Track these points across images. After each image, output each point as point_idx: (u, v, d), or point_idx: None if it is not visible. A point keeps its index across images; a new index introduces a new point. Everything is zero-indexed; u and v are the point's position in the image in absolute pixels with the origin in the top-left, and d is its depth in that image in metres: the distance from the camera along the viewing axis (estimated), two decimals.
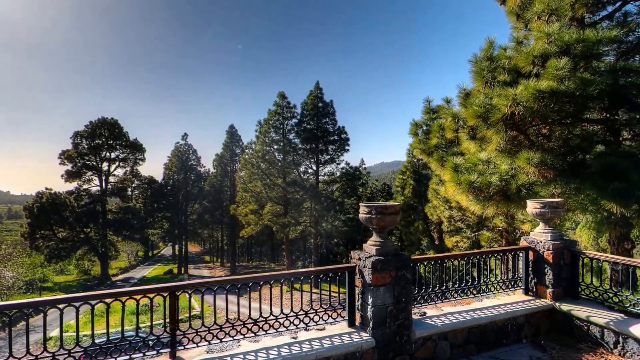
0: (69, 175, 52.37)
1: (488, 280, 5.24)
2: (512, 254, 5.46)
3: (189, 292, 3.81)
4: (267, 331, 3.98)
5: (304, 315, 4.16)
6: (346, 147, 41.84)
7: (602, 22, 8.14)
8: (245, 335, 3.90)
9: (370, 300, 4.04)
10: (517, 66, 7.68)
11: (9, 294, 36.47)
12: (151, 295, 3.55)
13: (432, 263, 4.76)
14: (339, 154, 41.95)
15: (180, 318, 3.70)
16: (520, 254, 5.47)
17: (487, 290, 5.24)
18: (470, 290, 5.07)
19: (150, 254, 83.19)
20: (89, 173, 53.78)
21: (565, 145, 7.75)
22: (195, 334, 3.74)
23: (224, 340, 3.81)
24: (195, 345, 3.72)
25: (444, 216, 23.50)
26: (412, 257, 4.42)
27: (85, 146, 52.59)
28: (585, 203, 7.45)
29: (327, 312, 4.28)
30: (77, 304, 3.33)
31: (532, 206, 5.40)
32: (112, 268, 59.11)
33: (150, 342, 3.60)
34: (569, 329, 4.98)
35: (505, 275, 5.43)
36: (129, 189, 60.63)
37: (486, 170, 7.89)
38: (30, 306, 3.23)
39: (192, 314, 29.13)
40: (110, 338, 3.52)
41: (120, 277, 55.31)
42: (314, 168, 42.05)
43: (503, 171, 7.62)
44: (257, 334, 3.94)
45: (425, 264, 4.75)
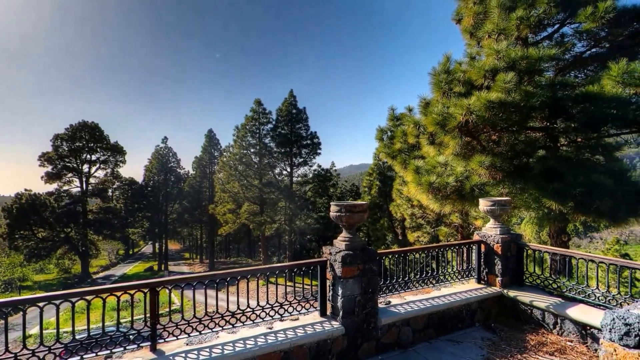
0: (49, 177, 49.61)
1: (446, 271, 5.41)
2: (467, 247, 5.63)
3: (169, 288, 3.70)
4: (245, 323, 3.94)
5: (279, 307, 4.14)
6: (318, 151, 42.09)
7: (544, 42, 8.47)
8: (223, 327, 3.83)
9: (340, 292, 4.08)
10: (471, 79, 7.94)
11: None
12: (132, 292, 3.44)
13: (396, 256, 4.85)
14: (312, 157, 42.13)
15: (160, 313, 3.58)
16: (474, 247, 5.64)
17: (445, 280, 5.39)
18: (430, 280, 5.20)
19: (130, 252, 79.96)
20: (70, 175, 51.08)
21: (512, 150, 8.05)
22: (175, 327, 3.65)
23: (203, 332, 3.74)
24: (175, 338, 3.63)
25: (406, 214, 23.96)
26: (378, 252, 4.49)
27: (66, 148, 50.00)
28: (529, 201, 7.78)
29: (301, 304, 4.28)
30: (58, 302, 3.17)
31: (484, 204, 5.61)
32: (93, 266, 56.39)
33: (131, 337, 3.48)
34: (515, 313, 5.19)
35: (461, 266, 5.60)
36: (110, 190, 58.21)
37: (444, 172, 8.10)
38: (9, 305, 3.03)
39: (173, 308, 28.22)
40: (91, 334, 3.38)
41: (101, 275, 52.79)
42: (289, 170, 42.05)
43: (459, 173, 7.84)
44: (235, 325, 3.88)
45: (390, 257, 4.84)
